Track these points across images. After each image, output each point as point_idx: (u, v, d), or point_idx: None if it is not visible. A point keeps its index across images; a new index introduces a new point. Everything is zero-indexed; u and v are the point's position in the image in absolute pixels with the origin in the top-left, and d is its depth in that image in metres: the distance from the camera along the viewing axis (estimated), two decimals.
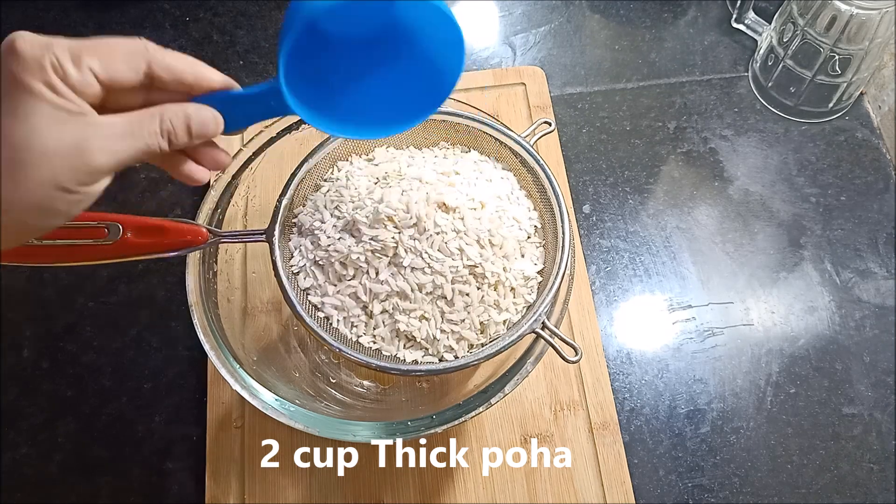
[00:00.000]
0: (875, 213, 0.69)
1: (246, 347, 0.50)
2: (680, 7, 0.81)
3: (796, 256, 0.67)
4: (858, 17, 0.63)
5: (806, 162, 0.72)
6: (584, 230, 0.68)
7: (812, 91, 0.71)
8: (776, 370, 0.62)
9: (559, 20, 0.80)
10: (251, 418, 0.58)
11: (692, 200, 0.70)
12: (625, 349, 0.63)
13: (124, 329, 0.63)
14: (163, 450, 0.59)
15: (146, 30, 0.78)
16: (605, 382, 0.61)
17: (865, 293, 0.66)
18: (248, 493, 0.56)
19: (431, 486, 0.57)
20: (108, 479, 0.58)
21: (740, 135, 0.73)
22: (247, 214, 0.54)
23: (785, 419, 0.61)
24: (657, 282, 0.66)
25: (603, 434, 0.59)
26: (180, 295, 0.64)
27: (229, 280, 0.53)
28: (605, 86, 0.76)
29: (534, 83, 0.74)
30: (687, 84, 0.76)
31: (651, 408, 0.61)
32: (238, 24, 0.79)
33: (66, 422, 0.60)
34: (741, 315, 0.65)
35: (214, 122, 0.35)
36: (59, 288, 0.65)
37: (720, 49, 0.78)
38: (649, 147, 0.72)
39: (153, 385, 0.61)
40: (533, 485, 0.57)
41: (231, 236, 0.46)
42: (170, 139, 0.34)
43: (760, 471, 0.59)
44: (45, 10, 0.79)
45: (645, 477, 0.58)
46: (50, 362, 0.62)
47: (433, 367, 0.45)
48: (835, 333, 0.64)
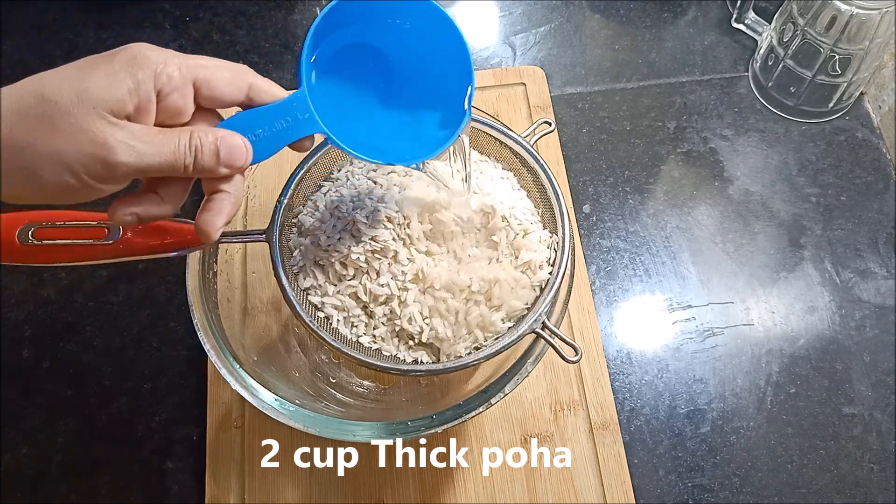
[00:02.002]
0: (875, 213, 0.69)
1: (246, 347, 0.50)
2: (680, 7, 0.81)
3: (796, 256, 0.67)
4: (858, 16, 0.63)
5: (806, 162, 0.72)
6: (584, 230, 0.68)
7: (812, 91, 0.71)
8: (776, 370, 0.62)
9: (559, 20, 0.80)
10: (251, 418, 0.58)
11: (692, 200, 0.70)
12: (625, 349, 0.63)
13: (124, 329, 0.63)
14: (163, 449, 0.59)
15: (146, 30, 0.78)
16: (605, 382, 0.61)
17: (865, 293, 0.66)
18: (248, 492, 0.56)
19: (431, 486, 0.57)
20: (108, 479, 0.58)
21: (740, 135, 0.73)
22: (247, 214, 0.54)
23: (785, 419, 0.61)
24: (657, 282, 0.66)
25: (603, 434, 0.59)
26: (180, 295, 0.64)
27: (229, 280, 0.53)
28: (605, 86, 0.76)
29: (534, 83, 0.74)
30: (687, 84, 0.76)
31: (651, 408, 0.61)
32: (238, 24, 0.79)
33: (66, 422, 0.60)
34: (741, 315, 0.65)
35: (244, 149, 0.35)
36: (59, 288, 0.65)
37: (720, 49, 0.78)
38: (649, 147, 0.72)
39: (153, 385, 0.61)
40: (533, 485, 0.57)
41: (231, 236, 0.46)
42: (196, 157, 0.33)
43: (760, 471, 0.59)
44: (46, 10, 0.79)
45: (645, 477, 0.58)
46: (50, 362, 0.62)
47: (433, 367, 0.45)
48: (835, 333, 0.64)
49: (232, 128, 0.35)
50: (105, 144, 0.30)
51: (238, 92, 0.35)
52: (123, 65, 0.31)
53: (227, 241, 0.47)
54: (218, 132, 0.34)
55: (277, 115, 0.36)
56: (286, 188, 0.47)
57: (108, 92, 0.30)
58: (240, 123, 0.35)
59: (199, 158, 0.33)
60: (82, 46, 0.76)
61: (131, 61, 0.31)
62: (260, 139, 0.36)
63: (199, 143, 0.33)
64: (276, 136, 0.36)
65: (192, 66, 0.33)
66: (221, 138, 0.34)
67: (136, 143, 0.31)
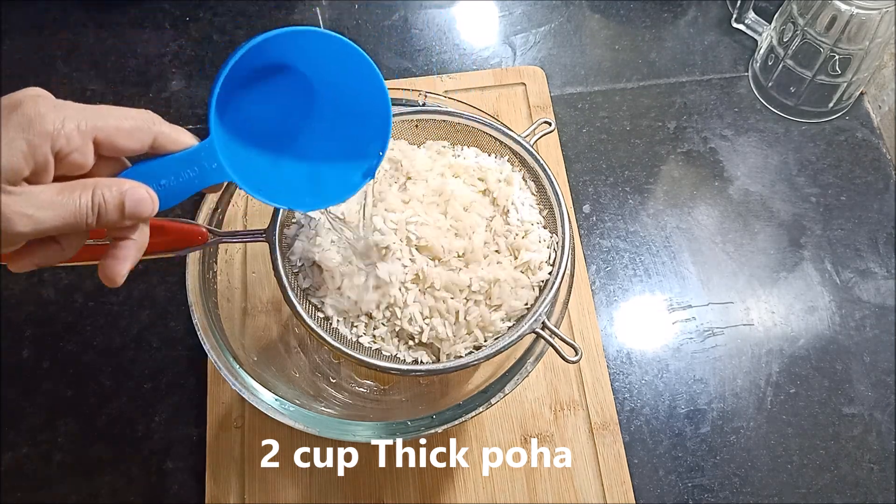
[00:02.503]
0: (875, 213, 0.69)
1: (246, 347, 0.50)
2: (680, 7, 0.81)
3: (796, 256, 0.67)
4: (858, 16, 0.63)
5: (806, 162, 0.72)
6: (584, 230, 0.68)
7: (812, 91, 0.71)
8: (776, 370, 0.62)
9: (559, 20, 0.80)
10: (251, 418, 0.58)
11: (692, 200, 0.70)
12: (625, 349, 0.63)
13: (124, 329, 0.63)
14: (163, 449, 0.59)
15: (146, 30, 0.78)
16: (605, 382, 0.61)
17: (865, 293, 0.66)
18: (248, 492, 0.56)
19: (431, 486, 0.57)
20: (108, 479, 0.58)
21: (740, 135, 0.73)
22: (247, 214, 0.54)
23: (785, 419, 0.61)
24: (657, 282, 0.66)
25: (603, 434, 0.59)
26: (180, 295, 0.64)
27: (229, 280, 0.53)
28: (605, 86, 0.76)
29: (534, 83, 0.74)
30: (687, 84, 0.76)
31: (651, 408, 0.61)
32: (238, 24, 0.79)
33: (66, 422, 0.60)
34: (741, 315, 0.65)
35: (150, 201, 0.33)
36: (59, 288, 0.65)
37: (720, 49, 0.78)
38: (649, 147, 0.72)
39: (153, 385, 0.61)
40: (533, 485, 0.57)
41: (231, 236, 0.46)
42: (99, 214, 0.32)
43: (760, 471, 0.59)
44: (46, 10, 0.79)
45: (645, 477, 0.58)
46: (50, 362, 0.62)
47: (433, 367, 0.45)
48: (835, 333, 0.64)
49: (136, 177, 0.34)
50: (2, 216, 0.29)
51: (141, 144, 0.33)
52: (18, 130, 0.29)
53: (227, 241, 0.46)
54: (122, 185, 0.32)
55: (185, 165, 0.34)
56: None
57: (3, 160, 0.29)
58: (145, 172, 0.34)
59: (103, 214, 0.32)
60: (82, 46, 0.77)
61: (27, 126, 0.29)
62: (166, 188, 0.34)
63: (103, 200, 0.32)
64: (184, 185, 0.35)
65: (92, 123, 0.31)
66: (126, 192, 0.32)
67: (34, 210, 0.30)
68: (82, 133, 0.31)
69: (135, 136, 0.33)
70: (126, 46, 0.77)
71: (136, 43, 0.77)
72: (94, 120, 0.31)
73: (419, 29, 0.79)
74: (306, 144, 0.41)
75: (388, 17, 0.80)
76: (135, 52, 0.77)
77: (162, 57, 0.77)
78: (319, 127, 0.41)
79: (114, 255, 0.34)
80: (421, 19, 0.80)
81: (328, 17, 0.80)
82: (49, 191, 0.31)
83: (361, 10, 0.80)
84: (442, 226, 0.46)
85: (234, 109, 0.37)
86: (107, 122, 0.32)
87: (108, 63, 0.76)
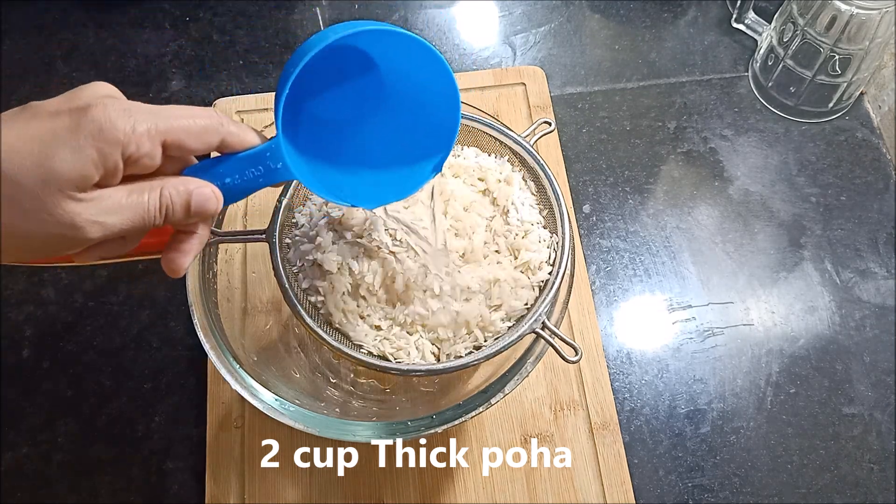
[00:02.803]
0: (875, 213, 0.69)
1: (246, 347, 0.50)
2: (680, 7, 0.81)
3: (796, 256, 0.67)
4: (858, 16, 0.63)
5: (806, 162, 0.72)
6: (584, 230, 0.68)
7: (812, 91, 0.71)
8: (776, 370, 0.62)
9: (559, 20, 0.80)
10: (251, 418, 0.58)
11: (692, 200, 0.70)
12: (625, 349, 0.63)
13: (124, 329, 0.63)
14: (163, 449, 0.59)
15: (146, 30, 0.78)
16: (605, 382, 0.61)
17: (865, 293, 0.66)
18: (248, 493, 0.56)
19: (431, 486, 0.57)
20: (108, 479, 0.58)
21: (740, 135, 0.73)
22: (247, 214, 0.54)
23: (785, 419, 0.61)
24: (657, 282, 0.66)
25: (603, 434, 0.59)
26: (180, 295, 0.64)
27: (229, 280, 0.53)
28: (605, 86, 0.76)
29: (534, 83, 0.74)
30: (687, 84, 0.76)
31: (651, 408, 0.61)
32: (238, 24, 0.79)
33: (66, 422, 0.60)
34: (741, 315, 0.65)
35: (215, 199, 0.34)
36: (59, 288, 0.65)
37: (720, 49, 0.78)
38: (649, 147, 0.72)
39: (153, 385, 0.61)
40: (533, 485, 0.57)
41: (231, 236, 0.46)
42: (166, 214, 0.33)
43: (760, 471, 0.59)
44: (46, 10, 0.79)
45: (645, 477, 0.58)
46: (50, 362, 0.62)
47: (433, 367, 0.45)
48: (835, 333, 0.64)
49: (202, 175, 0.34)
50: (73, 225, 0.30)
51: (208, 145, 0.34)
52: (88, 137, 0.29)
53: (227, 241, 0.47)
54: (189, 184, 0.33)
55: (250, 165, 0.35)
56: (286, 188, 0.47)
57: (74, 168, 0.29)
58: (211, 171, 0.34)
59: (170, 214, 0.33)
60: (82, 46, 0.77)
61: (97, 133, 0.29)
62: (230, 186, 0.35)
63: (170, 201, 0.32)
64: (247, 183, 0.35)
65: (162, 127, 0.31)
66: (192, 192, 0.33)
67: (104, 217, 0.30)
68: (152, 138, 0.31)
69: (203, 138, 0.33)
70: (126, 46, 0.77)
71: (136, 43, 0.77)
72: (164, 123, 0.32)
73: (419, 29, 0.79)
74: (371, 140, 0.40)
75: (388, 17, 0.80)
76: (135, 52, 0.77)
77: (162, 57, 0.77)
78: (385, 123, 0.40)
79: (177, 249, 0.35)
80: (421, 19, 0.80)
81: (328, 17, 0.80)
82: (118, 193, 0.31)
83: (361, 10, 0.80)
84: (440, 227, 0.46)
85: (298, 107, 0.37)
86: (176, 124, 0.32)
87: (108, 63, 0.76)
